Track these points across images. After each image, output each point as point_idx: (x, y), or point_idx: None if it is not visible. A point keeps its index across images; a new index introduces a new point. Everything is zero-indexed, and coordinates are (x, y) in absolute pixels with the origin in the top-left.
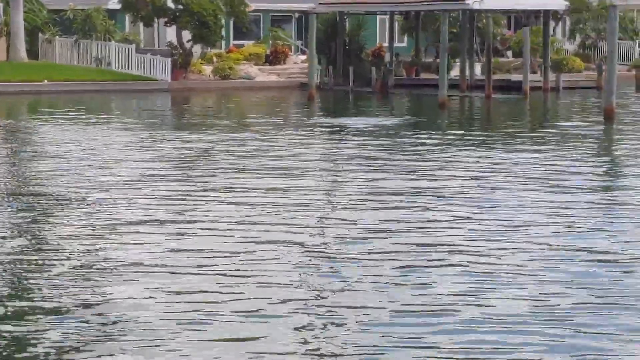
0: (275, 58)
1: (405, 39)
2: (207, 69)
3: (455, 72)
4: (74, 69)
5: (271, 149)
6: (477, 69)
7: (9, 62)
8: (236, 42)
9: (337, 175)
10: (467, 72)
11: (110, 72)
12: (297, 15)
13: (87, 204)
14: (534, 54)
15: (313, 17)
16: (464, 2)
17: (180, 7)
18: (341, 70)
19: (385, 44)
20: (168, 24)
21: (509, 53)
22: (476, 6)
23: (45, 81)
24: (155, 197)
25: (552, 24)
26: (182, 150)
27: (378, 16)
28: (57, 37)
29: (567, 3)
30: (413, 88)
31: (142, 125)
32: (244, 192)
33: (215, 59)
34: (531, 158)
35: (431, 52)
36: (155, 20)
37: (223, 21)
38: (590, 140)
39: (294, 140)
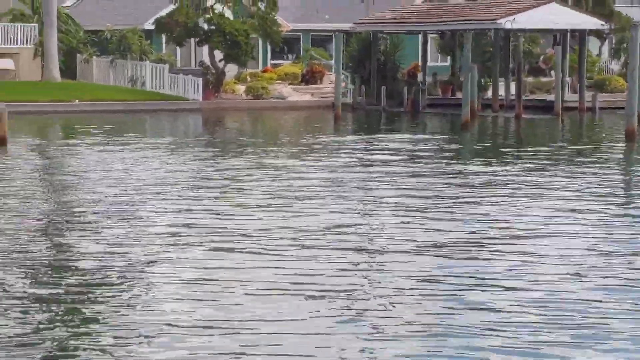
0: (311, 77)
1: (448, 58)
2: (241, 89)
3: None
4: (106, 89)
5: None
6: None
7: (42, 82)
8: (274, 61)
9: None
10: (503, 92)
11: (142, 91)
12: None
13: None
14: (575, 74)
15: (339, 36)
16: (496, 22)
17: (213, 27)
18: (375, 89)
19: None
20: (200, 44)
21: (553, 72)
22: (508, 26)
23: (77, 101)
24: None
25: (598, 43)
26: (168, 170)
27: (420, 35)
28: (95, 57)
29: (603, 22)
30: (446, 107)
31: (155, 144)
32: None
33: (249, 79)
34: (536, 175)
35: None
36: (190, 40)
37: (260, 41)
38: (604, 160)
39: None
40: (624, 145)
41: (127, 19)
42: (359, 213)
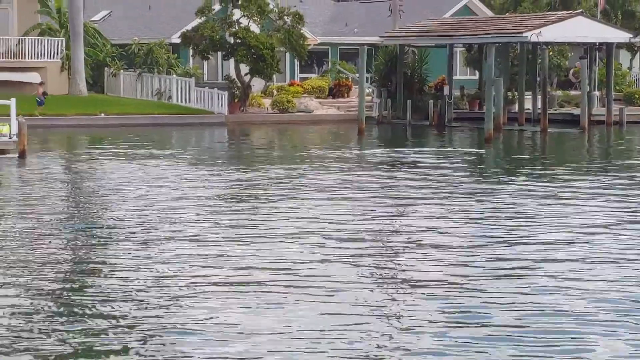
0: (338, 91)
1: (477, 72)
2: (267, 102)
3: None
4: (132, 103)
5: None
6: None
7: (68, 95)
8: (302, 75)
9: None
10: (530, 105)
11: (167, 105)
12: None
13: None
14: (604, 88)
15: (364, 49)
16: (522, 35)
17: (238, 41)
18: (401, 103)
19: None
20: (226, 58)
21: None
22: (534, 39)
23: (102, 114)
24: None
25: (628, 56)
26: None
27: (447, 49)
28: (122, 70)
29: (632, 35)
30: (473, 121)
31: (177, 157)
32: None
33: (275, 92)
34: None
35: None
36: (216, 54)
37: (287, 55)
38: (610, 174)
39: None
40: None
41: (154, 33)
42: (381, 222)
